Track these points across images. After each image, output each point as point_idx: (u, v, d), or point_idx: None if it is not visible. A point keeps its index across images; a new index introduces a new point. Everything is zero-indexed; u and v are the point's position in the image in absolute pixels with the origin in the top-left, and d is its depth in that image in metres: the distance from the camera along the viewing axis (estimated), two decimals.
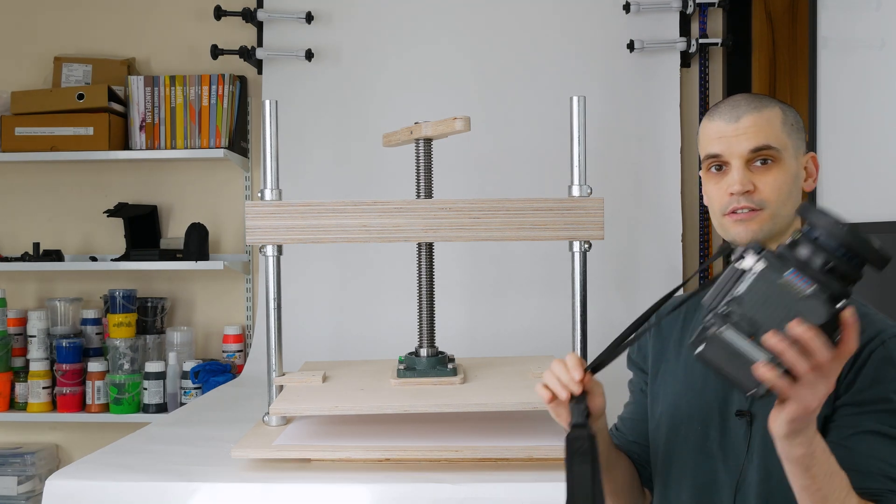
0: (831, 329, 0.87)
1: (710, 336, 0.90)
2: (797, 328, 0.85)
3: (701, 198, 1.32)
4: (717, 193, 1.19)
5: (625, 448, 1.31)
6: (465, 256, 2.74)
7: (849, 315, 0.88)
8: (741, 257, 0.91)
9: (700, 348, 0.91)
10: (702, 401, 1.19)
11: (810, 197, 2.21)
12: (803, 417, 0.90)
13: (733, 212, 1.16)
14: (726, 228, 1.18)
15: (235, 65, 2.91)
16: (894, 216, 1.86)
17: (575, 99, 1.76)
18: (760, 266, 0.89)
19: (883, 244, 0.90)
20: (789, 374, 0.87)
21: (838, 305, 0.87)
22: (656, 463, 1.25)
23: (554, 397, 1.08)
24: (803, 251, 0.89)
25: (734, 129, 1.16)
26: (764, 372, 0.86)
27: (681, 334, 1.27)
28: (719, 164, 1.19)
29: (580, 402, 1.06)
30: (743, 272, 0.90)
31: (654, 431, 1.26)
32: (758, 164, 1.16)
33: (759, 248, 0.91)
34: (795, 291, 0.87)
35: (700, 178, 1.27)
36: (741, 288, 0.90)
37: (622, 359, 1.37)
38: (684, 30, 2.81)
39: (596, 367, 1.10)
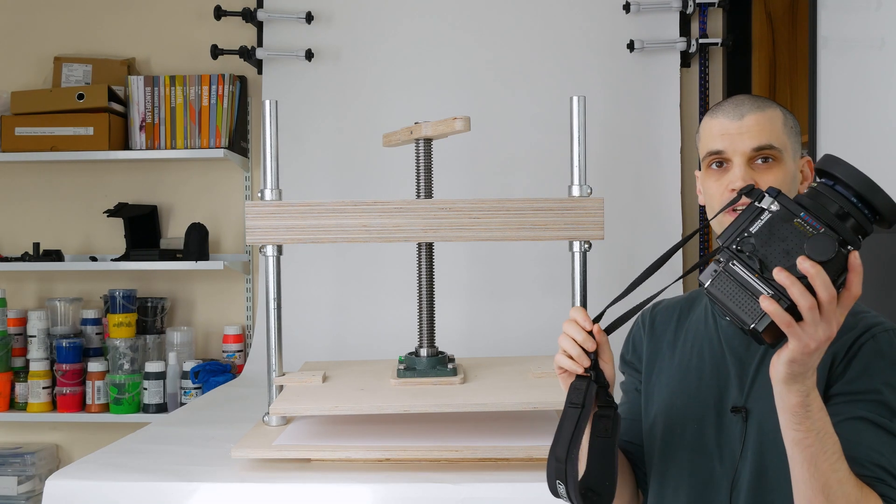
0: (837, 271, 0.90)
1: (718, 271, 0.94)
2: (804, 263, 0.88)
3: (692, 191, 1.33)
4: (718, 190, 1.19)
5: (620, 448, 1.31)
6: (465, 256, 2.74)
7: (854, 259, 0.90)
8: (760, 197, 0.95)
9: (707, 283, 0.95)
10: (697, 399, 1.19)
11: None
12: (802, 360, 0.92)
13: (733, 209, 1.16)
14: (726, 225, 1.18)
15: (235, 65, 2.91)
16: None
17: (575, 99, 1.76)
18: (775, 207, 0.93)
19: None
20: (792, 312, 0.89)
21: (845, 249, 0.90)
22: (651, 463, 1.25)
23: (564, 371, 1.12)
24: (819, 198, 0.94)
25: (738, 127, 1.17)
26: (768, 305, 0.89)
27: (674, 334, 1.28)
28: (720, 161, 1.19)
29: (589, 379, 1.10)
30: (760, 212, 0.94)
31: (649, 431, 1.26)
32: (759, 162, 1.17)
33: (777, 192, 0.95)
34: (805, 232, 0.91)
35: (696, 176, 1.28)
36: (755, 227, 0.94)
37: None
38: (684, 30, 2.81)
39: (601, 317, 1.14)
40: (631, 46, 2.75)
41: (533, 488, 1.45)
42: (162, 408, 2.72)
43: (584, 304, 1.76)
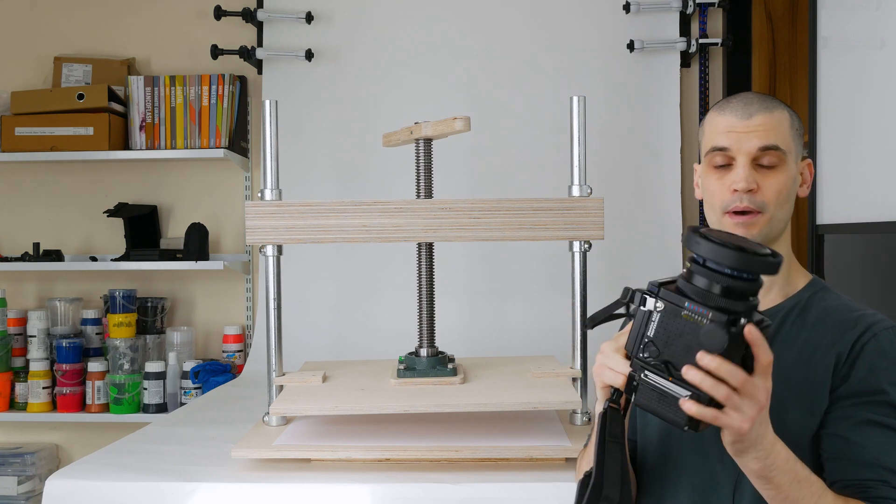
0: (740, 350, 0.90)
1: (636, 384, 0.95)
2: (703, 359, 0.89)
3: (692, 191, 1.32)
4: (720, 189, 1.18)
5: None
6: (465, 256, 2.74)
7: (749, 332, 0.89)
8: (643, 301, 0.95)
9: (633, 398, 0.96)
10: None
11: (810, 199, 2.21)
12: (742, 439, 0.93)
13: (734, 212, 1.16)
14: (726, 228, 1.18)
15: (235, 65, 2.91)
16: (894, 216, 1.86)
17: (575, 99, 1.76)
18: (661, 305, 0.93)
19: (768, 248, 0.92)
20: (714, 403, 0.90)
21: (735, 328, 0.89)
22: (645, 464, 1.24)
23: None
24: (698, 280, 0.92)
25: (745, 126, 1.17)
26: (689, 407, 0.90)
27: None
28: (724, 159, 1.19)
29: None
30: (650, 314, 0.94)
31: (644, 431, 1.25)
32: (763, 162, 1.17)
33: (656, 289, 0.94)
34: (697, 322, 0.91)
35: (695, 169, 1.27)
36: (650, 330, 0.94)
37: None
38: (684, 30, 2.81)
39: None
40: (631, 46, 2.75)
41: (533, 488, 1.45)
42: (162, 408, 2.72)
43: (583, 304, 1.76)
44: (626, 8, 2.75)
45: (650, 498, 1.23)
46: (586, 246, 1.75)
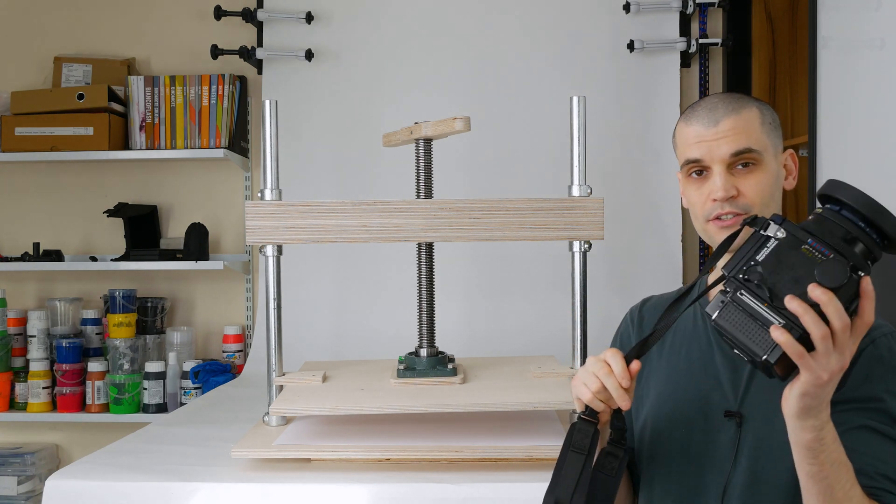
0: (849, 298, 0.87)
1: (726, 301, 0.91)
2: (815, 291, 0.85)
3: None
4: (699, 199, 1.17)
5: None
6: (465, 256, 2.74)
7: (866, 284, 0.87)
8: (765, 226, 0.92)
9: (715, 315, 0.92)
10: (685, 402, 1.17)
11: (810, 199, 2.21)
12: (814, 392, 0.89)
13: (717, 218, 1.15)
14: (711, 234, 1.17)
15: (235, 65, 2.91)
16: (894, 216, 1.86)
17: (575, 99, 1.76)
18: (781, 234, 0.91)
19: None
20: (804, 342, 0.87)
21: (856, 274, 0.87)
22: (641, 466, 1.24)
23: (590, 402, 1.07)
24: (825, 223, 0.91)
25: (714, 133, 1.14)
26: (779, 335, 0.86)
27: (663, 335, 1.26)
28: (699, 169, 1.17)
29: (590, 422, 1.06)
30: (766, 239, 0.92)
31: (640, 434, 1.24)
32: (739, 167, 1.14)
33: (782, 219, 0.92)
34: (814, 259, 0.88)
35: (678, 178, 1.25)
36: (761, 255, 0.91)
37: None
38: (684, 30, 2.81)
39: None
40: (631, 46, 2.75)
41: (533, 488, 1.44)
42: (162, 408, 2.72)
43: (583, 304, 1.76)
44: (626, 8, 2.75)
45: (640, 501, 1.23)
46: (586, 246, 1.75)
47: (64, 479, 1.52)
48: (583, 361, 1.76)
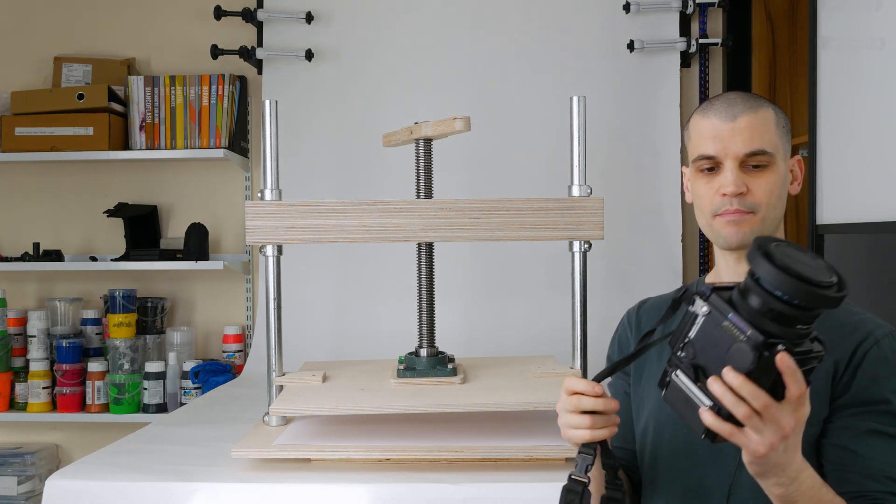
0: (769, 374, 0.87)
1: (668, 380, 0.94)
2: (727, 375, 0.86)
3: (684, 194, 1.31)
4: (708, 193, 1.17)
5: None
6: (465, 256, 2.74)
7: (781, 360, 0.85)
8: (693, 301, 0.93)
9: (663, 393, 0.95)
10: None
11: (810, 199, 2.21)
12: (760, 461, 0.90)
13: (725, 213, 1.15)
14: (717, 230, 1.17)
15: (235, 65, 2.91)
16: (894, 216, 1.86)
17: (575, 99, 1.76)
18: (706, 310, 0.91)
19: (836, 276, 0.87)
20: (735, 420, 0.88)
21: (769, 353, 0.86)
22: (643, 469, 1.23)
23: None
24: (747, 294, 0.89)
25: (730, 129, 1.14)
26: (706, 417, 0.88)
27: (661, 335, 1.26)
28: (711, 166, 1.17)
29: (589, 449, 1.07)
30: (696, 315, 0.92)
31: (642, 436, 1.24)
32: (750, 167, 1.15)
33: (710, 292, 0.92)
34: (734, 336, 0.88)
35: (683, 173, 1.25)
36: (692, 332, 0.92)
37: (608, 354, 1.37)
38: (684, 30, 2.81)
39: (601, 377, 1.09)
40: (631, 46, 2.75)
41: (533, 488, 1.44)
42: (162, 408, 2.72)
43: (583, 304, 1.76)
44: (626, 8, 2.75)
45: (643, 501, 1.23)
46: (586, 246, 1.75)
47: (64, 479, 1.52)
48: (583, 361, 1.76)
